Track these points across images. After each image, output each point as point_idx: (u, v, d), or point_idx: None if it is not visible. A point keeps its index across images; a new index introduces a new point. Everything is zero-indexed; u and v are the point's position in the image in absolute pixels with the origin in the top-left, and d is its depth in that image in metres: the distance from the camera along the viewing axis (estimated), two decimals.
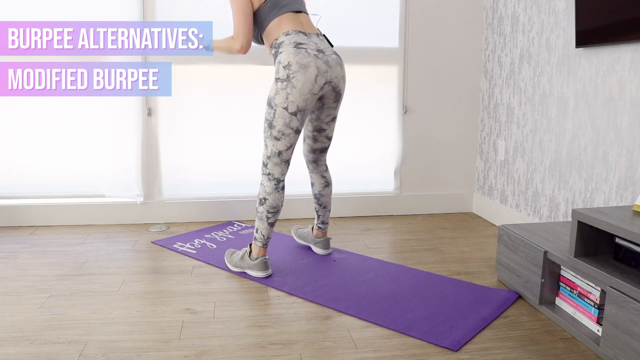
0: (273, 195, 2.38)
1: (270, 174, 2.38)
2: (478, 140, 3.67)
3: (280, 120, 2.30)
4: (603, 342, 1.75)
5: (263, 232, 2.42)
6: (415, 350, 1.83)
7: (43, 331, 1.94)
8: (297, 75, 2.25)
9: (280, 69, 2.29)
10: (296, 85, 2.26)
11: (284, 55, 2.29)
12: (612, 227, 1.73)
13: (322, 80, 2.30)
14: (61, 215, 3.32)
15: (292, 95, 2.26)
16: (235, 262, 2.53)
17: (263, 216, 2.40)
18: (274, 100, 2.30)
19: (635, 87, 2.22)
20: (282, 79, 2.28)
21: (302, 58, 2.26)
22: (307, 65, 2.26)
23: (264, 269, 2.44)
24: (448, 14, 3.50)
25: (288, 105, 2.27)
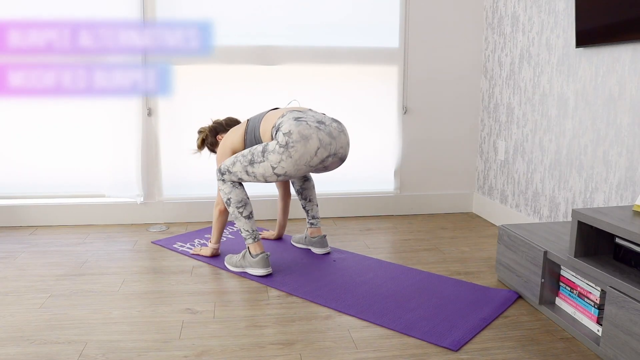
0: (234, 192, 2.43)
1: (225, 180, 2.45)
2: (478, 140, 3.67)
3: (261, 169, 2.32)
4: (603, 342, 1.75)
5: (246, 228, 2.43)
6: (415, 350, 1.83)
7: (43, 331, 1.94)
8: (296, 146, 2.23)
9: (281, 135, 2.26)
10: (293, 156, 2.24)
11: (284, 126, 2.28)
12: (612, 227, 1.73)
13: (324, 153, 2.29)
14: (61, 215, 3.32)
15: (286, 162, 2.26)
16: (236, 262, 2.53)
17: (236, 214, 2.43)
18: (268, 152, 2.29)
19: (635, 87, 2.22)
20: (280, 144, 2.26)
21: (304, 129, 2.25)
22: (309, 137, 2.24)
23: (265, 265, 2.43)
24: (448, 14, 3.50)
25: (278, 167, 2.28)
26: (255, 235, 2.44)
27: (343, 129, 2.40)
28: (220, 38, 3.31)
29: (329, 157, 2.33)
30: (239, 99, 3.39)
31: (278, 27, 3.35)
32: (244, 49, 3.34)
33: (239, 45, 3.33)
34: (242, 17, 3.32)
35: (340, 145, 2.36)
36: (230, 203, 2.43)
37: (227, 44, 3.32)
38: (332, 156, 2.34)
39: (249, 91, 3.39)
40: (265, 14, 3.33)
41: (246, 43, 3.34)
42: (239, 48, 3.34)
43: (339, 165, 2.49)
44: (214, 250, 2.71)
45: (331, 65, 3.44)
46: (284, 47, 3.37)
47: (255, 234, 2.44)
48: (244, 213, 2.43)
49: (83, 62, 3.23)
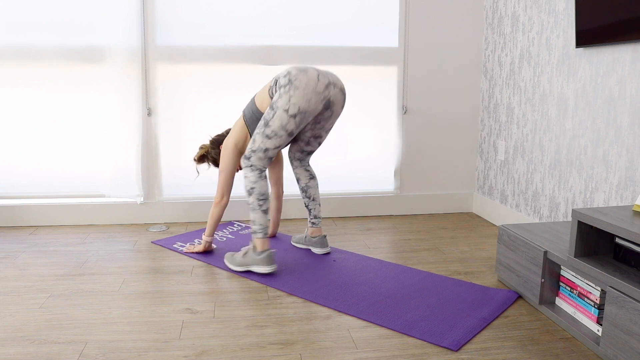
0: (259, 183, 2.41)
1: (253, 165, 2.42)
2: (478, 140, 3.67)
3: (277, 121, 2.34)
4: (603, 342, 1.75)
5: (260, 222, 2.41)
6: (415, 350, 1.83)
7: (43, 331, 1.94)
8: (298, 77, 2.33)
9: (281, 78, 2.38)
10: (299, 86, 2.31)
11: (282, 72, 2.42)
12: (612, 227, 1.73)
13: (324, 79, 2.38)
14: (61, 215, 3.32)
15: (295, 96, 2.31)
16: (239, 261, 2.50)
17: (255, 205, 2.40)
18: (276, 103, 2.35)
19: (635, 87, 2.22)
20: (283, 84, 2.35)
21: (299, 66, 2.40)
22: (306, 69, 2.38)
23: (270, 262, 2.40)
24: (448, 14, 3.50)
25: (289, 107, 2.31)
26: (266, 231, 2.42)
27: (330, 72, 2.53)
28: (220, 38, 3.31)
29: (330, 84, 2.42)
30: (239, 99, 3.39)
31: (278, 27, 3.35)
32: (244, 49, 3.34)
33: (239, 45, 3.33)
34: (242, 17, 3.32)
35: (335, 79, 2.47)
36: (253, 192, 2.40)
37: (227, 44, 3.32)
38: (332, 85, 2.43)
39: (249, 91, 3.39)
40: (266, 14, 3.33)
41: (246, 43, 3.34)
42: (239, 48, 3.34)
43: (342, 100, 2.51)
44: (207, 244, 2.71)
45: (331, 65, 3.44)
46: (284, 47, 3.37)
47: (267, 230, 2.42)
48: (263, 206, 2.40)
49: (83, 62, 3.23)
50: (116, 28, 3.19)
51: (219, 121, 3.39)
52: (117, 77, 3.24)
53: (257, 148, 2.40)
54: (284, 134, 2.36)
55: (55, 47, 3.20)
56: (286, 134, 2.37)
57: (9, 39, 3.15)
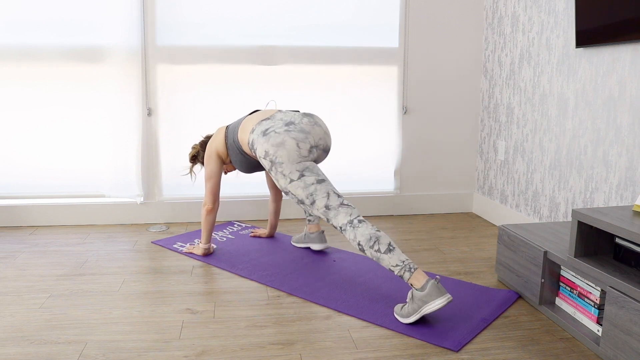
0: (358, 233, 2.08)
1: (340, 227, 2.14)
2: (478, 140, 3.67)
3: (298, 190, 2.20)
4: (603, 342, 1.75)
5: (393, 263, 2.01)
6: (415, 350, 1.83)
7: (43, 331, 1.94)
8: (277, 154, 2.22)
9: (263, 162, 2.28)
10: (283, 161, 2.22)
11: (258, 149, 2.29)
12: (612, 227, 1.73)
13: (306, 145, 2.26)
14: (61, 215, 3.32)
15: (285, 169, 2.21)
16: (409, 311, 2.00)
17: (376, 255, 2.04)
18: (280, 186, 2.26)
19: (635, 87, 2.22)
20: (268, 167, 2.26)
21: (274, 140, 2.25)
22: (283, 142, 2.23)
23: (441, 292, 1.93)
24: (448, 14, 3.50)
25: (290, 177, 2.21)
26: (410, 266, 1.99)
27: (317, 121, 2.36)
28: (220, 38, 3.31)
29: (312, 148, 2.29)
30: (239, 99, 3.39)
31: (278, 27, 3.35)
32: (244, 49, 3.34)
33: (239, 45, 3.33)
34: (242, 17, 3.32)
35: (318, 137, 2.33)
36: (363, 247, 2.06)
37: (227, 44, 3.32)
38: (315, 148, 2.31)
39: (249, 91, 3.39)
40: (266, 14, 3.33)
41: (246, 43, 3.34)
42: (239, 48, 3.34)
43: (325, 156, 2.45)
44: (205, 250, 2.72)
45: (331, 65, 3.44)
46: (284, 47, 3.37)
47: (410, 265, 2.00)
48: (381, 249, 2.03)
49: (83, 62, 3.23)
50: (116, 28, 3.19)
51: (219, 121, 3.39)
52: (117, 77, 3.24)
53: (322, 215, 2.18)
54: (313, 186, 2.19)
55: (55, 47, 3.19)
56: (316, 184, 2.19)
57: (9, 39, 3.15)
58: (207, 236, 2.69)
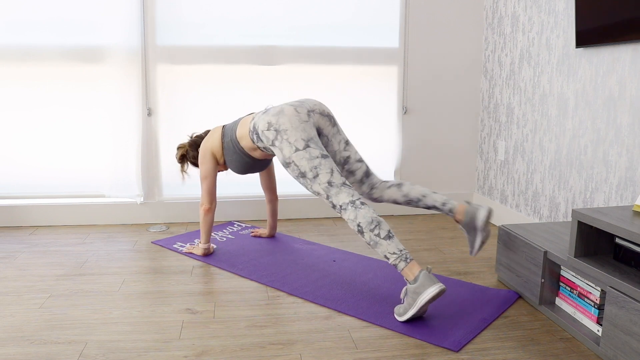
0: (360, 214, 2.07)
1: (341, 205, 2.13)
2: (478, 140, 3.67)
3: (302, 161, 2.20)
4: (603, 342, 1.75)
5: (391, 250, 2.01)
6: (416, 350, 1.83)
7: (43, 331, 1.94)
8: (279, 121, 2.27)
9: (266, 134, 2.32)
10: (287, 127, 2.25)
11: (261, 125, 2.34)
12: (612, 227, 1.73)
13: (303, 109, 2.32)
14: (61, 215, 3.32)
15: (290, 136, 2.24)
16: (406, 305, 2.00)
17: (374, 239, 2.04)
18: (284, 156, 2.26)
19: (635, 87, 2.22)
20: (272, 138, 2.29)
21: (273, 111, 2.33)
22: (281, 110, 2.31)
23: (432, 281, 1.93)
24: (448, 14, 3.50)
25: (296, 145, 2.22)
26: (406, 256, 2.00)
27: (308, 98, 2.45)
28: (220, 38, 3.31)
29: (310, 112, 2.34)
30: (239, 99, 3.39)
31: (278, 27, 3.35)
32: (244, 49, 3.34)
33: (239, 45, 3.33)
34: (242, 17, 3.32)
35: (312, 104, 2.39)
36: (363, 229, 2.05)
37: (227, 44, 3.32)
38: (311, 112, 2.35)
39: (249, 91, 3.39)
40: (266, 14, 3.33)
41: (246, 43, 3.34)
42: (239, 48, 3.34)
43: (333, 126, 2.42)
44: (204, 250, 2.72)
45: (331, 65, 3.44)
46: (284, 47, 3.37)
47: (406, 255, 2.00)
48: (381, 234, 2.02)
49: (83, 62, 3.23)
50: (116, 28, 3.19)
51: (219, 121, 3.39)
52: (117, 77, 3.24)
53: (324, 192, 2.16)
54: (318, 160, 2.19)
55: (55, 47, 3.20)
56: (321, 158, 2.20)
57: (9, 39, 3.15)
58: (206, 236, 2.69)
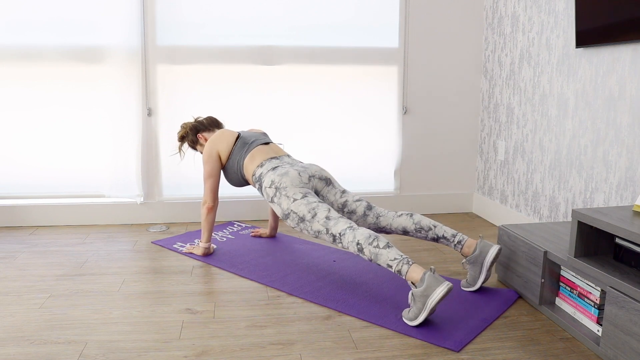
0: (357, 233, 2.12)
1: (340, 232, 2.17)
2: (478, 140, 3.67)
3: (300, 207, 2.30)
4: (603, 342, 1.75)
5: (391, 256, 2.02)
6: (416, 350, 1.83)
7: (43, 331, 1.94)
8: (282, 181, 2.38)
9: (268, 190, 2.42)
10: (287, 186, 2.37)
11: (265, 181, 2.45)
12: (612, 227, 1.73)
13: (305, 175, 2.43)
14: (61, 215, 3.32)
15: (289, 192, 2.35)
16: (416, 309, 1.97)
17: (374, 251, 2.06)
18: (282, 209, 2.36)
19: (635, 87, 2.22)
20: (272, 195, 2.40)
21: (280, 171, 2.44)
22: (286, 172, 2.42)
23: (439, 281, 1.92)
24: (448, 13, 3.50)
25: (293, 197, 2.34)
26: (407, 260, 2.01)
27: (312, 163, 2.62)
28: (220, 38, 3.31)
29: (311, 177, 2.45)
30: (239, 99, 3.39)
31: (278, 27, 3.35)
32: (244, 49, 3.34)
33: (239, 45, 3.33)
34: (242, 17, 3.32)
35: (314, 170, 2.50)
36: (363, 247, 2.08)
37: (227, 44, 3.32)
38: (312, 177, 2.46)
39: (249, 91, 3.39)
40: (266, 14, 3.33)
41: (246, 43, 3.34)
42: (239, 48, 3.34)
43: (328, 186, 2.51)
44: (205, 250, 2.72)
45: (331, 65, 3.44)
46: (284, 47, 3.37)
47: (407, 259, 2.02)
48: (380, 245, 2.06)
49: (83, 62, 3.23)
50: (116, 28, 3.19)
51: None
52: (117, 77, 3.24)
53: (322, 226, 2.22)
54: (314, 201, 2.29)
55: (55, 47, 3.20)
56: (317, 203, 2.29)
57: (9, 39, 3.15)
58: (207, 236, 2.70)
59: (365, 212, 2.44)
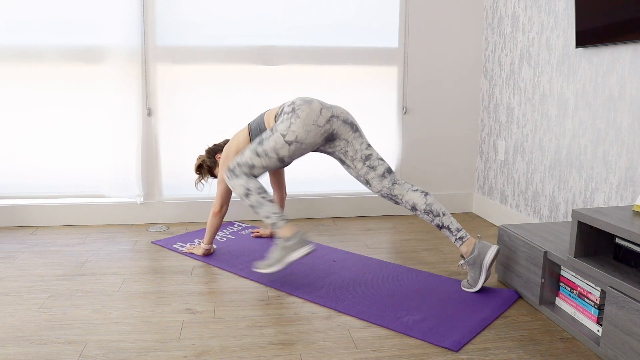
0: (251, 181, 2.34)
1: (237, 174, 2.35)
2: (478, 140, 3.67)
3: (272, 142, 2.33)
4: (603, 342, 1.75)
5: (273, 211, 2.30)
6: (416, 350, 1.83)
7: (43, 331, 1.94)
8: (302, 107, 2.34)
9: (286, 107, 2.40)
10: (300, 115, 2.32)
11: (288, 102, 2.42)
12: (612, 227, 1.73)
13: (327, 113, 2.36)
14: (61, 215, 3.32)
15: (295, 124, 2.32)
16: (275, 259, 2.29)
17: (260, 200, 2.32)
18: (276, 126, 2.36)
19: (635, 87, 2.22)
20: (287, 112, 2.37)
21: (306, 97, 2.40)
22: (311, 101, 2.38)
23: (305, 242, 2.27)
24: (448, 13, 3.50)
25: (288, 133, 2.31)
26: (284, 217, 2.31)
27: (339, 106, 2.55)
28: (220, 38, 3.31)
29: (333, 117, 2.38)
30: (239, 99, 3.39)
31: (278, 27, 3.35)
32: (244, 49, 3.34)
33: (239, 45, 3.33)
34: (242, 17, 3.32)
35: (340, 111, 2.43)
36: (251, 192, 2.31)
37: (227, 44, 3.32)
38: (335, 117, 2.38)
39: (249, 91, 3.39)
40: (266, 14, 3.33)
41: (246, 43, 3.34)
42: (239, 48, 3.34)
43: (354, 132, 2.40)
44: (205, 251, 2.72)
45: (331, 65, 3.44)
46: (284, 47, 3.37)
47: (284, 216, 2.32)
48: (267, 197, 2.32)
49: (83, 62, 3.23)
50: (116, 28, 3.19)
51: (219, 121, 3.39)
52: (117, 77, 3.24)
53: (243, 162, 2.36)
54: (274, 156, 2.34)
55: (55, 47, 3.20)
56: (276, 158, 2.34)
57: (9, 39, 3.15)
58: (210, 237, 2.69)
59: (385, 173, 2.41)
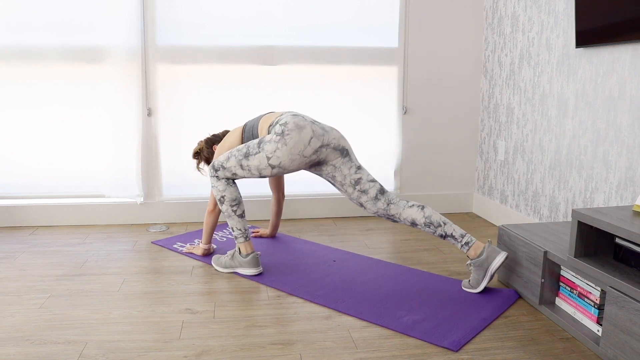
0: (228, 190, 2.44)
1: (219, 177, 2.46)
2: (478, 140, 3.67)
3: (256, 161, 2.36)
4: (603, 342, 1.75)
5: (238, 227, 2.45)
6: (415, 350, 1.83)
7: (43, 331, 1.94)
8: (291, 134, 2.32)
9: (277, 126, 2.38)
10: (288, 143, 2.32)
11: (283, 119, 2.39)
12: (612, 227, 1.73)
13: (316, 143, 2.34)
14: (61, 215, 3.32)
15: (281, 150, 2.32)
16: (225, 263, 2.54)
17: (229, 212, 2.45)
18: (264, 144, 2.36)
19: (635, 87, 2.22)
20: (277, 132, 2.35)
21: (299, 121, 2.36)
22: (303, 127, 2.35)
23: (256, 265, 2.46)
24: (448, 13, 3.50)
25: (272, 156, 2.33)
26: (246, 235, 2.46)
27: (335, 129, 2.53)
28: (220, 38, 3.31)
29: (322, 147, 2.37)
30: (239, 99, 3.39)
31: (278, 27, 3.35)
32: (244, 49, 3.34)
33: (239, 45, 3.33)
34: (242, 17, 3.32)
35: (332, 137, 2.41)
36: (224, 201, 2.44)
37: (227, 44, 3.32)
38: (325, 147, 2.38)
39: (249, 91, 3.39)
40: (266, 14, 3.33)
41: (246, 43, 3.34)
42: (239, 48, 3.34)
43: (344, 157, 2.40)
44: (205, 251, 2.72)
45: (331, 65, 3.44)
46: (284, 47, 3.37)
47: (247, 233, 2.47)
48: (237, 212, 2.45)
49: (83, 62, 3.23)
50: (116, 28, 3.19)
51: (219, 121, 3.39)
52: (117, 77, 3.24)
53: (227, 167, 2.43)
54: (256, 173, 2.40)
55: (55, 47, 3.20)
56: (258, 175, 2.41)
57: (9, 39, 3.15)
58: (207, 237, 2.70)
59: (377, 195, 2.40)
